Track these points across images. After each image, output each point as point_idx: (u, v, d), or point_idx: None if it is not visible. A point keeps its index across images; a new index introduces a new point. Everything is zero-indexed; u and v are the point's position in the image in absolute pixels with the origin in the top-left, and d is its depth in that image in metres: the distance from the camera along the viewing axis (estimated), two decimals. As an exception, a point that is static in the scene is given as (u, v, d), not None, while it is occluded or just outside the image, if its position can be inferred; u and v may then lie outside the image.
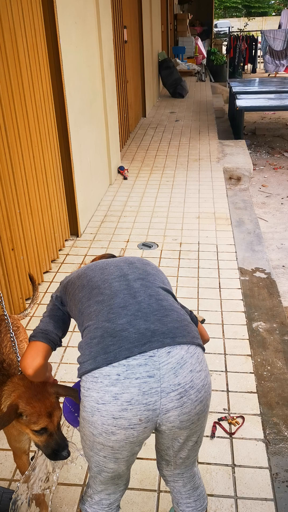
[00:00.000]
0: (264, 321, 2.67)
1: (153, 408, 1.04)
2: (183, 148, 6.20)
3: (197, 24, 17.76)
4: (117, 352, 1.05)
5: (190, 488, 1.29)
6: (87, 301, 1.21)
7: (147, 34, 8.04)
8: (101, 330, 1.11)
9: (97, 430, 1.07)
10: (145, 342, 1.05)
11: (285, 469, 1.79)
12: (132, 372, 1.03)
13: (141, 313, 1.12)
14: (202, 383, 1.09)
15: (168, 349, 1.06)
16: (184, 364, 1.06)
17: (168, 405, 1.04)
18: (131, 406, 1.02)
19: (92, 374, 1.06)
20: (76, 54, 3.59)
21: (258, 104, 6.79)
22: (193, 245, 3.59)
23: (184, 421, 1.08)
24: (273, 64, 13.10)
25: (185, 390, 1.05)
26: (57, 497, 1.70)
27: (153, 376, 1.03)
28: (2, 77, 2.48)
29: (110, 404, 1.03)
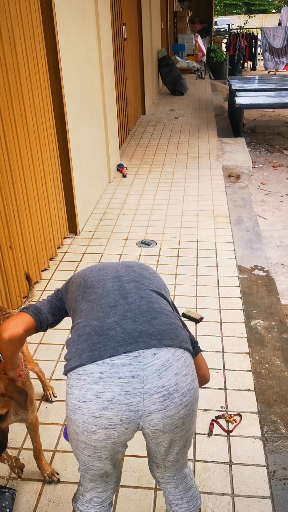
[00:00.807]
0: (263, 319, 2.67)
1: (135, 409, 1.03)
2: (183, 145, 6.19)
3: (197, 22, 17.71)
4: (102, 350, 1.05)
5: (182, 489, 1.29)
6: (80, 300, 1.22)
7: (146, 32, 8.01)
8: (89, 328, 1.11)
9: (79, 428, 1.06)
10: (131, 342, 1.05)
11: (283, 467, 1.79)
12: (116, 371, 1.02)
13: (130, 313, 1.11)
14: (188, 387, 1.07)
15: (154, 350, 1.05)
16: (170, 367, 1.05)
17: (150, 407, 1.03)
18: (112, 405, 1.01)
19: (76, 371, 1.06)
20: (74, 51, 3.58)
21: (258, 101, 6.77)
22: (192, 243, 3.58)
23: (168, 424, 1.06)
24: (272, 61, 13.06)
25: (169, 393, 1.04)
26: (55, 496, 1.70)
27: (137, 377, 1.02)
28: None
29: (92, 402, 1.02)
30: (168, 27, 12.96)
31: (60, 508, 1.66)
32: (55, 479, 1.74)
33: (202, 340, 2.49)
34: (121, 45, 5.99)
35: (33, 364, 1.98)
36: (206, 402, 2.09)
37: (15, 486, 1.74)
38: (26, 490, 1.73)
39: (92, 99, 4.15)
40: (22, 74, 2.73)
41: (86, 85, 3.95)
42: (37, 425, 1.65)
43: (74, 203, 3.67)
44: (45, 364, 2.33)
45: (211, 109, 8.53)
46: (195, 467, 1.79)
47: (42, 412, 2.07)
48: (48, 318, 1.31)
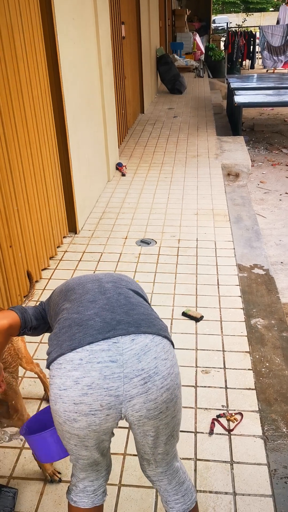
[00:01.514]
0: (263, 318, 2.67)
1: (115, 394, 1.04)
2: (181, 144, 6.19)
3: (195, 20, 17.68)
4: (82, 338, 1.07)
5: (176, 484, 1.29)
6: (62, 302, 1.25)
7: (145, 30, 8.00)
8: (69, 320, 1.14)
9: (61, 418, 1.08)
10: (109, 330, 1.08)
11: (284, 465, 1.79)
12: (95, 357, 1.04)
13: (109, 306, 1.15)
14: (168, 371, 1.09)
15: (132, 336, 1.07)
16: (148, 351, 1.07)
17: (131, 391, 1.04)
18: (91, 390, 1.02)
19: (57, 361, 1.07)
20: (73, 50, 3.57)
21: (257, 100, 6.77)
22: (191, 241, 3.58)
23: (151, 409, 1.07)
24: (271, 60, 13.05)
25: (149, 376, 1.05)
26: (56, 495, 1.70)
27: (116, 361, 1.04)
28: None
29: (71, 389, 1.03)
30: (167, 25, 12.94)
31: (62, 508, 1.66)
32: (57, 479, 1.74)
33: (203, 338, 2.50)
34: (120, 44, 5.97)
35: (33, 364, 1.98)
36: (207, 401, 2.09)
37: (16, 485, 1.74)
38: (27, 489, 1.73)
39: (91, 98, 4.15)
40: (21, 73, 2.72)
41: (85, 84, 3.94)
42: None
43: (73, 202, 3.67)
44: (45, 363, 2.33)
45: (209, 108, 8.53)
46: (196, 466, 1.79)
47: (43, 411, 2.07)
48: (32, 320, 1.34)
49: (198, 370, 2.27)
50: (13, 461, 1.84)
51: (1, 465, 1.83)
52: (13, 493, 1.68)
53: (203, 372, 2.26)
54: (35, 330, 1.36)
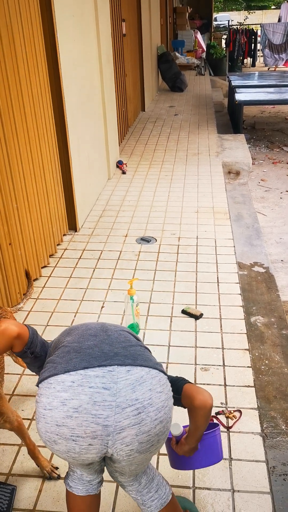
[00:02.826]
0: (262, 315, 2.67)
1: (104, 423, 0.97)
2: (182, 142, 6.18)
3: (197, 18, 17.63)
4: (77, 362, 1.05)
5: (146, 481, 1.27)
6: (64, 338, 1.23)
7: (146, 28, 7.98)
8: (68, 347, 1.13)
9: (42, 438, 1.04)
10: (106, 359, 1.06)
11: (282, 463, 1.79)
12: (87, 381, 1.00)
13: (108, 340, 1.15)
14: (162, 404, 1.04)
15: (128, 368, 1.05)
16: (144, 383, 1.03)
17: (123, 422, 0.98)
18: (77, 413, 0.97)
19: (47, 380, 1.04)
20: (73, 47, 3.56)
21: (258, 98, 6.75)
22: (191, 239, 3.58)
23: (144, 442, 1.01)
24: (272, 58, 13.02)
25: (143, 406, 1.00)
26: (55, 491, 1.71)
27: (109, 389, 0.99)
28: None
29: (57, 410, 0.98)
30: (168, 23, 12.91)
31: (61, 504, 1.66)
32: (55, 476, 1.74)
33: (202, 336, 2.50)
34: (121, 41, 5.96)
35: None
36: (206, 398, 2.09)
37: (15, 482, 1.74)
38: (26, 486, 1.73)
39: (92, 95, 4.14)
40: (21, 70, 2.72)
41: (85, 81, 3.93)
42: (22, 430, 1.63)
43: (73, 199, 3.66)
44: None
45: (210, 106, 8.51)
46: (195, 463, 1.80)
47: (42, 408, 2.07)
48: (37, 345, 1.29)
49: (197, 367, 2.27)
50: (11, 458, 1.84)
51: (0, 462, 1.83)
52: (11, 489, 1.68)
53: (203, 369, 2.26)
54: (36, 358, 1.30)
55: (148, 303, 2.79)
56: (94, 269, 3.21)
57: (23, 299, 2.12)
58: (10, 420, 1.58)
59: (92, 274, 3.13)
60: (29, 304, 2.81)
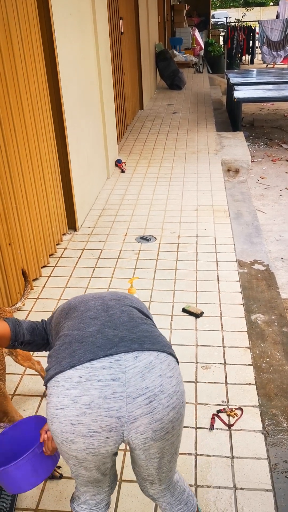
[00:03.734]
0: (263, 313, 2.67)
1: (117, 415, 0.97)
2: (181, 140, 6.17)
3: (194, 15, 17.60)
4: (82, 355, 1.01)
5: (178, 494, 1.28)
6: (63, 320, 1.21)
7: (143, 25, 7.96)
8: (70, 337, 1.09)
9: (58, 439, 1.02)
10: (111, 347, 1.02)
11: (284, 460, 1.79)
12: (95, 374, 0.97)
13: (111, 323, 1.10)
14: (174, 389, 1.02)
15: (135, 354, 1.01)
16: (153, 369, 1.00)
17: (135, 411, 0.97)
18: (90, 409, 0.96)
19: (55, 379, 1.02)
20: (71, 46, 3.56)
21: (256, 95, 6.74)
22: (191, 238, 3.58)
23: (158, 430, 1.00)
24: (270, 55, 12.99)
25: (155, 394, 0.98)
26: (57, 490, 1.71)
27: (118, 380, 0.97)
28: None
29: (69, 408, 0.97)
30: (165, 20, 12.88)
31: (63, 503, 1.66)
32: (57, 475, 1.75)
33: (203, 334, 2.50)
34: (118, 40, 5.95)
35: (31, 361, 1.98)
36: (207, 396, 2.09)
37: (17, 482, 1.74)
38: (28, 485, 1.73)
39: (90, 94, 4.13)
40: (18, 69, 2.71)
41: (84, 80, 3.92)
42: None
43: (72, 199, 3.66)
44: (45, 361, 2.33)
45: (209, 103, 8.50)
46: (196, 461, 1.80)
47: (43, 408, 2.07)
48: (25, 334, 1.29)
49: (198, 366, 2.27)
50: (14, 457, 1.85)
51: (2, 462, 1.83)
52: (14, 489, 1.68)
53: (204, 367, 2.26)
54: (28, 345, 1.31)
55: (148, 302, 2.79)
56: (94, 268, 3.20)
57: (21, 298, 2.12)
58: (14, 420, 1.59)
59: (92, 274, 3.13)
60: (29, 304, 2.81)
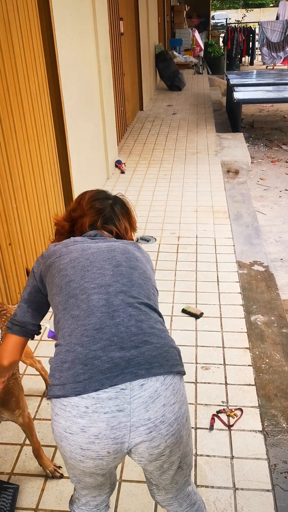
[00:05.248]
0: (262, 314, 2.68)
1: (121, 441, 1.02)
2: (181, 141, 6.18)
3: (194, 16, 17.62)
4: (87, 383, 1.01)
5: (187, 506, 1.25)
6: (62, 311, 1.14)
7: (143, 26, 7.97)
8: (73, 354, 1.05)
9: (67, 454, 1.05)
10: (117, 374, 1.01)
11: (283, 460, 1.80)
12: (101, 406, 0.99)
13: (117, 338, 1.05)
14: (175, 416, 1.04)
15: (141, 381, 1.01)
16: (157, 398, 1.02)
17: (136, 439, 1.02)
18: (98, 440, 1.00)
19: (60, 401, 1.03)
20: (71, 46, 3.56)
21: (256, 96, 6.76)
22: (191, 238, 3.58)
23: (154, 454, 1.05)
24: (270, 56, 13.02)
25: (155, 425, 1.02)
26: (57, 490, 1.71)
27: (123, 410, 0.99)
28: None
29: (78, 435, 1.00)
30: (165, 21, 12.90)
31: (63, 503, 1.67)
32: (58, 475, 1.75)
33: (203, 335, 2.50)
34: (118, 40, 5.96)
35: (33, 359, 1.98)
36: (207, 397, 2.10)
37: (18, 482, 1.75)
38: (29, 485, 1.74)
39: (90, 95, 4.14)
40: (19, 69, 2.71)
41: (84, 81, 3.93)
42: (31, 427, 1.65)
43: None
44: (46, 360, 2.33)
45: (209, 104, 8.51)
46: (196, 461, 1.80)
47: (43, 408, 2.07)
48: (35, 324, 1.28)
49: (198, 366, 2.28)
50: (14, 457, 1.85)
51: (2, 462, 1.84)
52: (14, 489, 1.68)
53: (203, 368, 2.27)
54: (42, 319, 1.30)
55: (148, 302, 2.79)
56: (94, 268, 3.21)
57: None
58: (24, 415, 1.59)
59: (92, 274, 3.13)
60: (30, 304, 2.81)
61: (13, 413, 1.54)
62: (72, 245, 1.27)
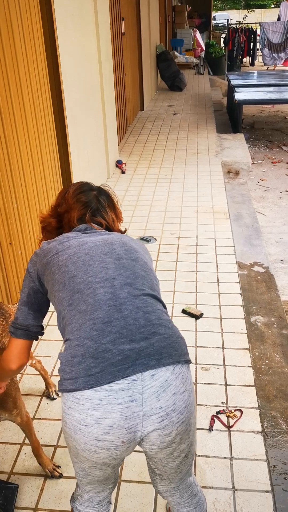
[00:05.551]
0: (262, 315, 2.68)
1: (135, 430, 1.04)
2: (181, 141, 6.18)
3: (196, 16, 17.62)
4: (99, 376, 1.02)
5: (188, 496, 1.28)
6: (68, 307, 1.13)
7: (145, 26, 7.97)
8: (83, 349, 1.06)
9: (80, 446, 1.06)
10: (128, 366, 1.03)
11: (283, 462, 1.80)
12: (115, 398, 1.01)
13: (126, 330, 1.07)
14: (185, 404, 1.08)
15: (152, 372, 1.04)
16: (168, 387, 1.04)
17: (149, 427, 1.05)
18: (113, 430, 1.02)
19: (73, 394, 1.04)
20: (73, 46, 3.56)
21: (257, 97, 6.76)
22: (191, 239, 3.58)
23: (165, 442, 1.08)
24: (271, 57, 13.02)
25: (167, 414, 1.05)
26: (57, 490, 1.71)
27: (136, 400, 1.02)
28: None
29: (93, 427, 1.02)
30: (167, 22, 12.90)
31: (63, 503, 1.67)
32: (57, 474, 1.75)
33: (202, 336, 2.50)
34: (120, 40, 5.96)
35: (31, 359, 1.98)
36: (207, 398, 2.10)
37: (17, 481, 1.75)
38: (28, 485, 1.74)
39: (91, 95, 4.14)
40: (21, 69, 2.71)
41: (85, 80, 3.93)
42: (29, 426, 1.65)
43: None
44: (46, 360, 2.33)
45: (209, 105, 8.51)
46: (196, 462, 1.80)
47: (43, 407, 2.08)
48: (38, 325, 1.27)
49: (198, 367, 2.28)
50: (13, 457, 1.85)
51: (1, 461, 1.84)
52: (14, 488, 1.69)
53: (203, 369, 2.27)
54: (43, 319, 1.30)
55: (148, 303, 2.79)
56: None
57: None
58: (22, 414, 1.59)
59: (92, 274, 3.14)
60: (30, 304, 2.81)
61: (10, 413, 1.54)
62: (67, 241, 1.24)
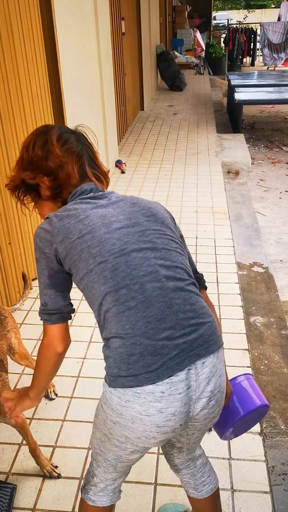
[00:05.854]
0: (262, 316, 2.68)
1: (189, 411, 1.13)
2: (181, 141, 6.18)
3: (196, 16, 17.62)
4: (160, 372, 1.08)
5: (201, 465, 1.38)
6: (114, 302, 1.10)
7: (145, 26, 7.97)
8: (140, 347, 1.08)
9: (136, 434, 1.11)
10: (184, 358, 1.10)
11: (282, 462, 1.80)
12: (175, 388, 1.08)
13: (179, 325, 1.11)
14: (224, 384, 1.17)
15: (203, 360, 1.12)
16: (216, 372, 1.14)
17: (198, 408, 1.13)
18: (174, 417, 1.09)
19: (133, 389, 1.08)
20: (73, 46, 3.56)
21: (257, 97, 6.77)
22: (191, 239, 3.58)
23: (208, 418, 1.17)
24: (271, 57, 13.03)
25: (214, 395, 1.14)
26: (55, 490, 1.71)
27: (191, 387, 1.10)
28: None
29: (155, 416, 1.08)
30: (167, 22, 12.91)
31: (61, 503, 1.66)
32: (55, 475, 1.75)
33: (202, 336, 2.50)
34: (120, 40, 5.95)
35: (29, 360, 1.97)
36: (206, 398, 2.10)
37: (15, 481, 1.74)
38: (26, 485, 1.73)
39: (91, 94, 4.14)
40: (20, 69, 2.71)
41: (85, 80, 3.93)
42: (25, 427, 1.65)
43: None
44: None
45: (210, 105, 8.51)
46: (194, 462, 1.80)
47: (42, 408, 2.07)
48: (69, 304, 1.21)
49: (197, 367, 2.28)
50: (11, 457, 1.85)
51: (0, 461, 1.83)
52: (11, 489, 1.68)
53: (202, 369, 2.27)
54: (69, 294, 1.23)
55: (147, 303, 2.79)
56: (93, 268, 3.20)
57: (19, 300, 2.12)
58: (17, 420, 1.59)
59: (91, 274, 3.13)
60: (29, 304, 2.81)
61: (4, 415, 1.54)
62: (85, 218, 1.14)
